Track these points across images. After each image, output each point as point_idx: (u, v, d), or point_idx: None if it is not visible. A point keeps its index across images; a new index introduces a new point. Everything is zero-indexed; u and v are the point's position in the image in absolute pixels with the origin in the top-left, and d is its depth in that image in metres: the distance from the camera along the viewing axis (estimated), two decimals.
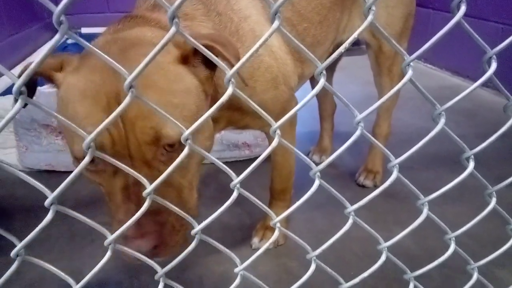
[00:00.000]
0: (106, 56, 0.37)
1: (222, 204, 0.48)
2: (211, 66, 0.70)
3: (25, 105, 0.38)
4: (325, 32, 1.16)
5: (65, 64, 0.67)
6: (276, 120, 0.46)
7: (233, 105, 0.84)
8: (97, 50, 0.38)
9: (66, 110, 0.62)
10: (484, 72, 0.49)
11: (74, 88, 0.62)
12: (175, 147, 0.62)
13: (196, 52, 0.66)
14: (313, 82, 1.65)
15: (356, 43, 1.44)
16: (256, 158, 0.46)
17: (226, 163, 0.47)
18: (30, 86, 0.70)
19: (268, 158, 1.14)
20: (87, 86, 0.61)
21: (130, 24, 0.78)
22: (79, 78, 0.62)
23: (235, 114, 0.93)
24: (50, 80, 0.67)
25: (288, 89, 1.02)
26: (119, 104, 0.56)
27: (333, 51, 1.26)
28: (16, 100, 0.37)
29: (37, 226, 0.41)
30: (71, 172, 0.39)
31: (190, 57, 0.67)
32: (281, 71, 0.97)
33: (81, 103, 0.60)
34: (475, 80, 0.49)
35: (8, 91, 1.72)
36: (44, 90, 1.54)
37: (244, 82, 0.72)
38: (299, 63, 1.06)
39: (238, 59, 0.67)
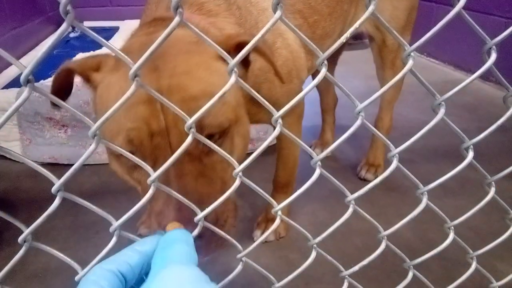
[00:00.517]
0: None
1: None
2: (245, 65, 0.72)
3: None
4: (334, 24, 1.16)
5: (102, 64, 0.67)
6: (287, 114, 0.46)
7: (252, 98, 0.85)
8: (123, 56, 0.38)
9: (106, 108, 0.61)
10: (485, 63, 0.50)
11: (114, 86, 0.62)
12: (215, 138, 0.62)
13: (235, 50, 0.65)
14: (314, 74, 1.66)
15: (359, 37, 1.44)
16: None
17: None
18: (66, 88, 0.70)
19: (272, 152, 1.15)
20: (127, 84, 0.60)
21: (163, 25, 0.77)
22: (119, 77, 0.62)
23: (253, 108, 0.94)
24: (87, 80, 0.67)
25: (300, 83, 1.03)
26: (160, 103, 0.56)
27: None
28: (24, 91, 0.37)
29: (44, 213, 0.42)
30: (73, 165, 0.39)
31: (230, 54, 0.67)
32: (296, 65, 0.98)
33: (118, 99, 0.59)
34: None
35: (11, 84, 1.73)
36: (47, 83, 1.55)
37: (282, 79, 0.73)
38: (309, 56, 1.07)
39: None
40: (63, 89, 0.69)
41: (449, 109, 0.53)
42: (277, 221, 0.54)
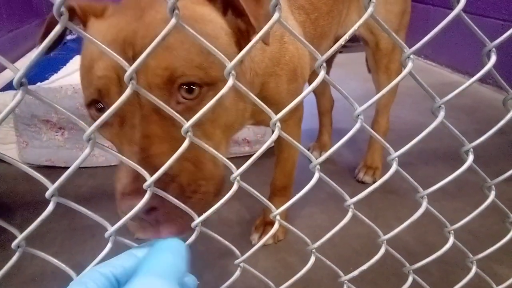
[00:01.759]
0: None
1: (222, 199, 0.48)
2: (243, 18, 0.61)
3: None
4: (330, 23, 1.16)
5: (106, 11, 0.61)
6: (288, 115, 0.44)
7: (260, 94, 0.84)
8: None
9: (85, 52, 0.58)
10: (484, 66, 0.49)
11: (97, 33, 0.57)
12: (195, 93, 0.53)
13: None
14: (311, 78, 1.66)
15: (356, 39, 1.44)
16: None
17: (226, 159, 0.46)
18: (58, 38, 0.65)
19: (270, 155, 1.15)
20: (108, 30, 0.56)
21: None
22: (105, 23, 0.58)
23: (257, 107, 0.92)
24: (85, 26, 0.61)
25: (303, 83, 1.02)
26: (133, 50, 0.52)
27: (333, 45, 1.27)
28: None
29: (38, 218, 0.41)
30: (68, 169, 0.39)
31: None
32: (301, 63, 0.97)
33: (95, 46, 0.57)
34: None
35: (8, 87, 1.72)
36: (44, 85, 1.54)
37: (266, 42, 0.60)
38: (312, 55, 1.06)
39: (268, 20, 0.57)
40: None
41: (447, 112, 0.53)
42: (276, 226, 0.53)
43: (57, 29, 0.34)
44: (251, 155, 1.91)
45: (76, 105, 1.49)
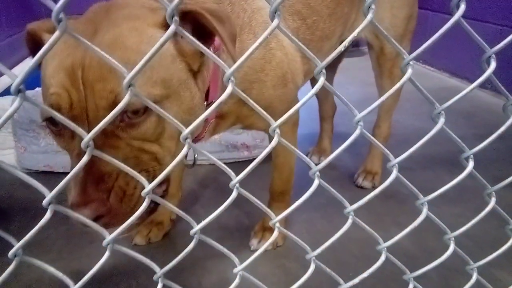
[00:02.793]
0: (79, 36, 0.37)
1: (221, 205, 0.48)
2: (203, 39, 0.64)
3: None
4: (333, 26, 1.15)
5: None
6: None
7: (242, 100, 0.83)
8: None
9: (43, 70, 0.61)
10: (483, 72, 0.49)
11: (52, 51, 0.61)
12: (139, 113, 0.58)
13: (184, 19, 0.60)
14: (313, 81, 1.65)
15: (356, 44, 1.44)
16: (255, 159, 0.45)
17: (224, 164, 0.46)
18: (38, 46, 0.67)
19: (269, 160, 1.14)
20: (60, 47, 0.59)
21: None
22: (61, 41, 0.62)
23: (244, 110, 0.92)
24: (40, 42, 0.66)
25: (295, 88, 1.02)
26: (82, 68, 0.56)
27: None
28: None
29: (35, 227, 0.41)
30: (68, 173, 0.39)
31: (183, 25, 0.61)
32: (291, 68, 0.96)
33: (51, 63, 0.59)
34: (473, 82, 0.49)
35: (6, 92, 1.71)
36: None
37: (231, 51, 0.62)
38: (306, 59, 1.05)
39: (234, 39, 0.62)
40: (36, 49, 0.68)
41: (445, 116, 0.53)
42: (275, 233, 0.53)
43: (56, 35, 0.34)
44: (250, 160, 1.90)
45: None
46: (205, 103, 0.78)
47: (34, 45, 0.69)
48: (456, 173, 0.55)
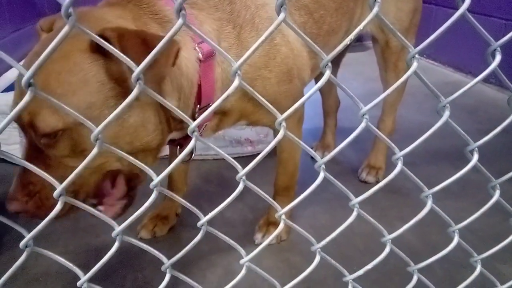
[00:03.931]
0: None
1: (225, 199, 0.48)
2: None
3: None
4: (340, 20, 1.15)
5: (55, 24, 0.76)
6: (287, 117, 0.45)
7: (246, 94, 0.84)
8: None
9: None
10: (488, 65, 0.49)
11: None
12: (57, 137, 0.64)
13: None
14: (317, 77, 1.65)
15: (359, 39, 1.44)
16: (258, 154, 0.46)
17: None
18: None
19: (273, 155, 1.15)
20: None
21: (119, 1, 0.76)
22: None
23: (248, 106, 0.92)
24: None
25: (301, 84, 1.02)
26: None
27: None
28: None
29: (41, 221, 0.42)
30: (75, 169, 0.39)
31: (99, 46, 0.61)
32: (296, 64, 0.96)
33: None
34: (477, 76, 0.49)
35: (10, 88, 1.72)
36: None
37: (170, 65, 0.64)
38: (313, 54, 1.05)
39: (141, 53, 0.52)
40: None
41: (450, 110, 0.53)
42: (281, 225, 0.53)
43: (66, 30, 0.35)
44: (253, 155, 1.91)
45: None
46: (198, 106, 0.82)
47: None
48: (460, 167, 0.55)
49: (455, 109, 2.02)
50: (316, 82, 1.66)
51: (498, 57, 0.48)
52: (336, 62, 1.60)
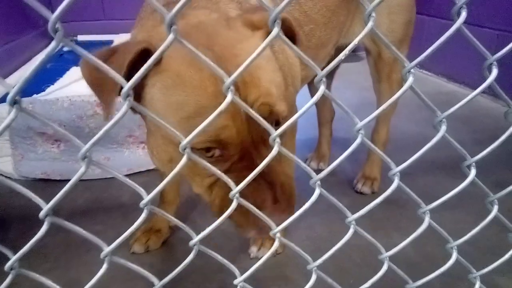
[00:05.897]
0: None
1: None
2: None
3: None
4: (329, 34, 1.16)
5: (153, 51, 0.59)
6: (279, 126, 0.44)
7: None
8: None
9: (168, 100, 0.59)
10: (484, 78, 0.49)
11: (175, 77, 0.58)
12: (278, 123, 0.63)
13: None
14: (312, 88, 1.65)
15: (352, 50, 1.45)
16: None
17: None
18: None
19: None
20: (187, 75, 0.57)
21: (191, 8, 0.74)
22: (176, 67, 0.59)
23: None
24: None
25: (294, 92, 1.01)
26: (237, 89, 0.56)
27: (335, 54, 1.26)
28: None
29: (33, 236, 0.40)
30: (66, 180, 0.38)
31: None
32: (291, 72, 0.96)
33: (184, 93, 0.58)
34: (470, 86, 0.48)
35: (3, 99, 1.70)
36: (40, 97, 1.53)
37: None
38: (304, 66, 1.05)
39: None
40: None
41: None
42: (276, 243, 0.52)
43: (52, 45, 0.34)
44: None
45: (72, 117, 1.48)
46: None
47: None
48: (457, 178, 0.55)
49: (450, 119, 2.02)
50: (311, 93, 1.66)
51: (494, 71, 0.48)
52: (330, 74, 1.60)
